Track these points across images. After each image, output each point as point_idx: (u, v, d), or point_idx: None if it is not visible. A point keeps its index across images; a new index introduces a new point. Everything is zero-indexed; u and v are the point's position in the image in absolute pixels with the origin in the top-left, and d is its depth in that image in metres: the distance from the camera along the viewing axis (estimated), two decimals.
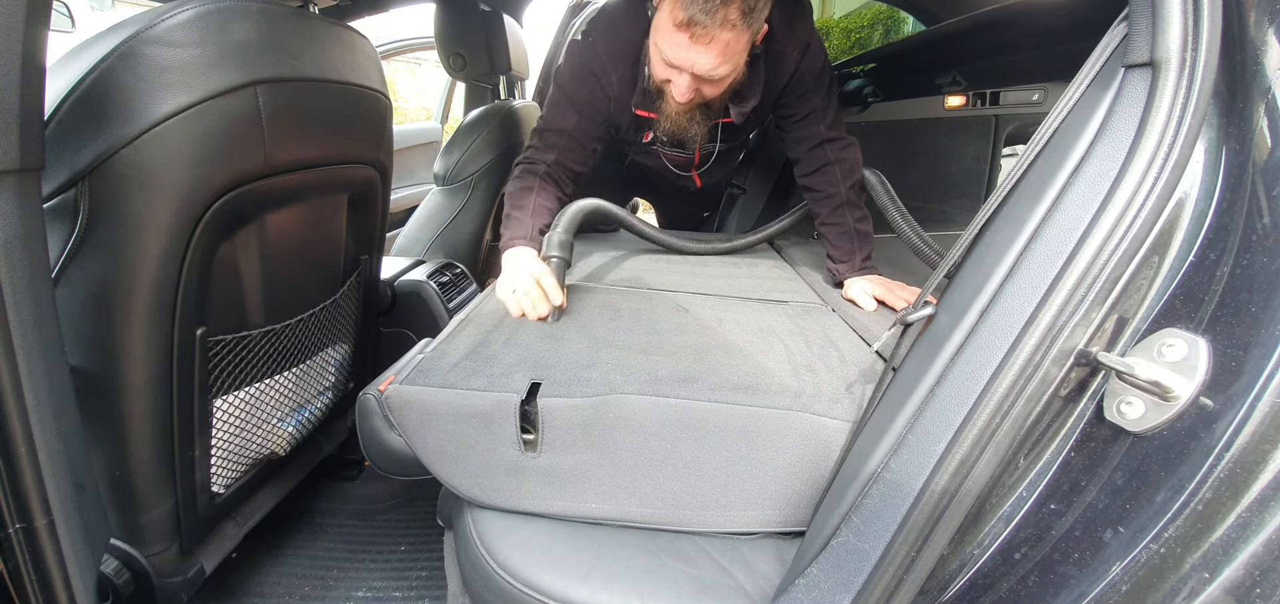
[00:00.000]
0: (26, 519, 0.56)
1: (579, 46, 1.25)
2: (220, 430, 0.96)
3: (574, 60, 1.25)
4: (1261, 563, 0.39)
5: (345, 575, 1.23)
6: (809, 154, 1.29)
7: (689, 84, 1.05)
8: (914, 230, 1.18)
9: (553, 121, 1.24)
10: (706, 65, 1.01)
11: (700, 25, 0.96)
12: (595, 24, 1.25)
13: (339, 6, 1.56)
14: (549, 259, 1.04)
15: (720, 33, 0.97)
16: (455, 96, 3.58)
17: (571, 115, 1.23)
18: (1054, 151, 0.56)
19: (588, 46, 1.22)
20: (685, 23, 0.96)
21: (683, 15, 0.96)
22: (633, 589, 0.68)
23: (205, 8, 0.75)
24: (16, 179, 0.52)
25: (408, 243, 1.92)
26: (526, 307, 0.96)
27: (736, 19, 0.96)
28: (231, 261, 0.90)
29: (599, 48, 1.20)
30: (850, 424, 0.70)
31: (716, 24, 0.95)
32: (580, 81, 1.22)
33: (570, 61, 1.26)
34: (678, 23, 0.97)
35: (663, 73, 1.08)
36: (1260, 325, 0.42)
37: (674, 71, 1.05)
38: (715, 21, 0.95)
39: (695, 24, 0.96)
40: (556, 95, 1.26)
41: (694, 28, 0.96)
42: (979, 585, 0.53)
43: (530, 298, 0.96)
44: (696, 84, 1.06)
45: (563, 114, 1.23)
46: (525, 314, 0.96)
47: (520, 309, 0.96)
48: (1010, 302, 0.52)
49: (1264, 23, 0.45)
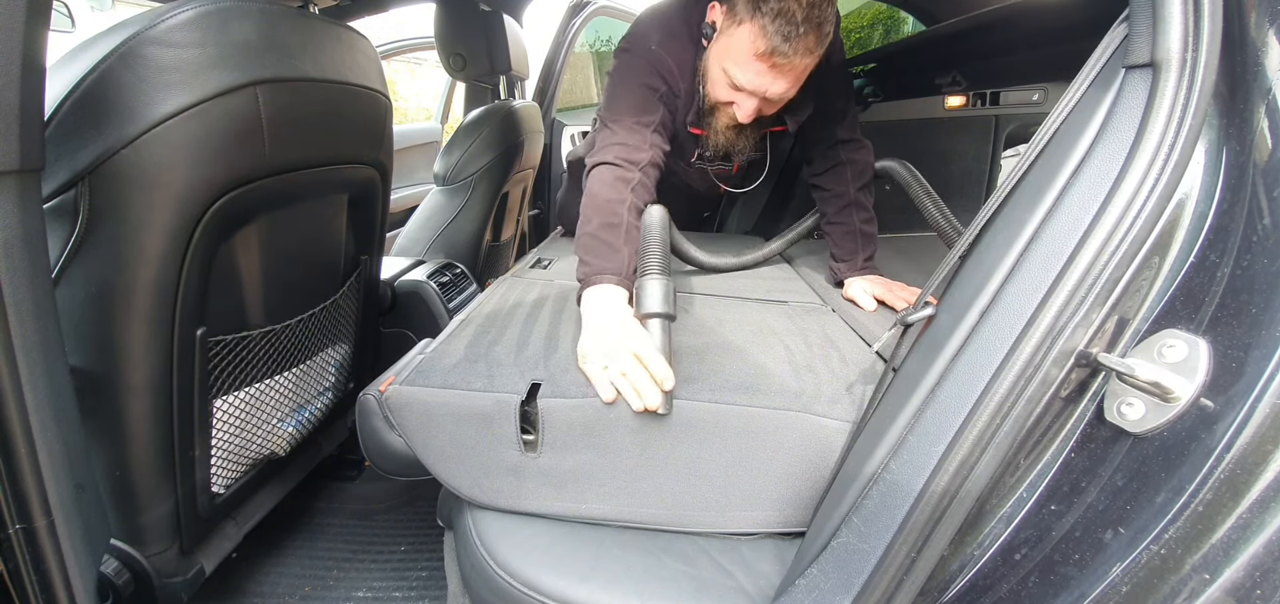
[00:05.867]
0: (27, 519, 0.56)
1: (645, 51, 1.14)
2: (220, 430, 0.96)
3: (641, 61, 1.13)
4: (1262, 564, 0.39)
5: (345, 575, 1.23)
6: (823, 154, 1.29)
7: (756, 107, 1.04)
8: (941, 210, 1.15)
9: (639, 113, 1.07)
10: (781, 92, 1.01)
11: (782, 55, 0.94)
12: (653, 34, 1.15)
13: (339, 6, 1.56)
14: (652, 318, 0.79)
15: (800, 61, 0.96)
16: (455, 96, 3.59)
17: (656, 106, 1.09)
18: (1054, 152, 0.56)
19: (657, 56, 1.13)
20: (767, 53, 0.95)
21: (765, 46, 0.94)
22: (633, 589, 0.68)
23: (205, 8, 0.75)
24: (16, 179, 0.52)
25: (408, 243, 1.92)
26: (626, 393, 0.71)
27: (815, 46, 0.95)
28: (231, 262, 0.90)
29: (668, 60, 1.13)
30: (850, 425, 0.70)
31: (798, 54, 0.95)
32: (656, 77, 1.12)
33: (636, 61, 1.14)
34: (759, 53, 0.95)
35: (727, 95, 1.06)
36: (1260, 326, 0.42)
37: (742, 95, 1.04)
38: (797, 52, 0.94)
39: (777, 54, 0.94)
40: (633, 88, 1.10)
41: (775, 57, 0.95)
42: (979, 586, 0.53)
43: (632, 383, 0.71)
44: (761, 105, 1.05)
45: (648, 104, 1.09)
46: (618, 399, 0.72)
47: (613, 395, 0.71)
48: (1011, 302, 0.52)
49: (1264, 23, 0.45)
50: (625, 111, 1.08)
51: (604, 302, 0.84)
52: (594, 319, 0.81)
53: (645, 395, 0.70)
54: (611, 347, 0.74)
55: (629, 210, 0.96)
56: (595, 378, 0.73)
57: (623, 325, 0.78)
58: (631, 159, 1.02)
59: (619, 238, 0.92)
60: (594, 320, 0.81)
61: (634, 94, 1.09)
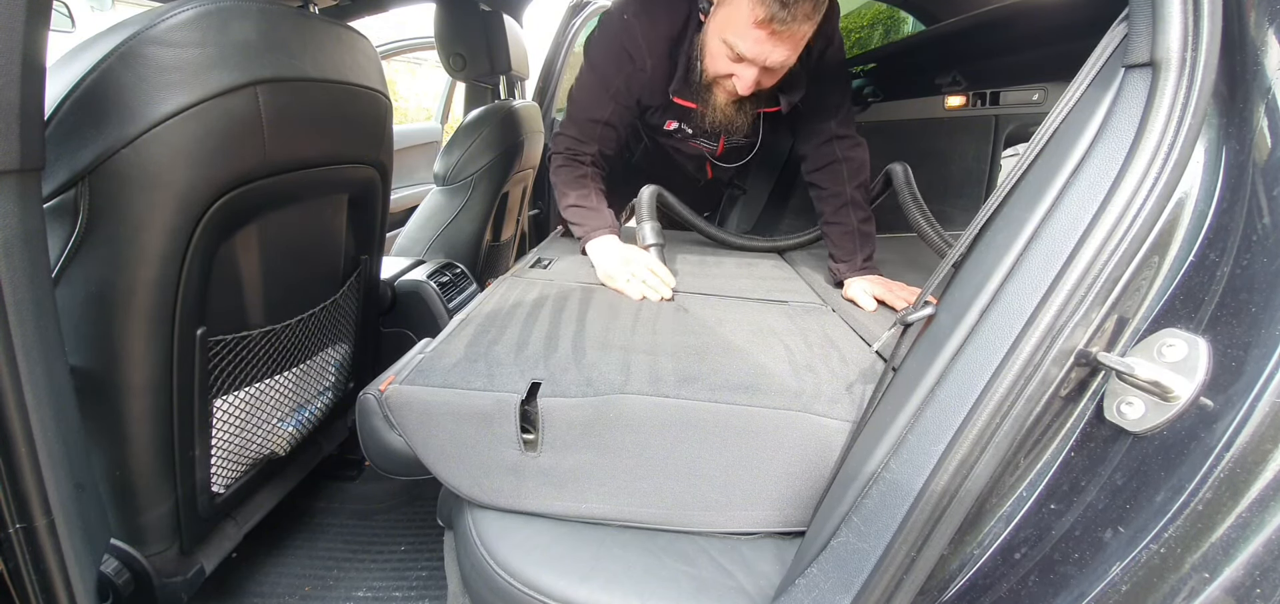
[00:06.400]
0: (26, 519, 0.56)
1: (615, 23, 1.21)
2: (220, 430, 0.96)
3: (609, 37, 1.22)
4: (1261, 563, 0.39)
5: (345, 575, 1.23)
6: (817, 150, 1.29)
7: (755, 77, 1.06)
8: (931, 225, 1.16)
9: (591, 110, 1.24)
10: (780, 59, 1.02)
11: (780, 21, 0.96)
12: (630, 5, 1.21)
13: (339, 6, 1.56)
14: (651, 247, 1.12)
15: (799, 27, 0.98)
16: (455, 96, 3.59)
17: (608, 104, 1.23)
18: (1054, 152, 0.56)
19: (625, 26, 1.19)
20: (766, 20, 0.97)
21: (764, 13, 0.96)
22: (633, 589, 0.68)
23: (205, 8, 0.75)
24: (16, 179, 0.52)
25: (408, 243, 1.92)
26: (649, 292, 1.03)
27: (812, 11, 0.97)
28: (232, 261, 0.90)
29: (636, 30, 1.18)
30: (850, 424, 0.70)
31: (796, 20, 0.96)
32: (618, 63, 1.20)
33: (605, 38, 1.23)
34: (758, 21, 0.97)
35: (726, 67, 1.08)
36: (1260, 325, 0.42)
37: (742, 66, 1.05)
38: (796, 17, 0.96)
39: (775, 21, 0.96)
40: (591, 80, 1.24)
41: (774, 23, 0.96)
42: (979, 586, 0.53)
43: (651, 283, 1.04)
44: (760, 76, 1.07)
45: (599, 102, 1.23)
46: (645, 297, 1.03)
47: (641, 293, 1.03)
48: (1010, 301, 0.52)
49: (1264, 23, 0.45)
50: (580, 106, 1.26)
51: (606, 244, 1.15)
52: (606, 253, 1.13)
53: (662, 290, 1.04)
54: (629, 264, 1.07)
55: (592, 181, 1.25)
56: (623, 284, 1.06)
57: (628, 251, 1.10)
58: (578, 155, 1.26)
59: (595, 200, 1.22)
60: (606, 254, 1.12)
61: (587, 93, 1.25)
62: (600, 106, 1.23)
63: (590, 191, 1.22)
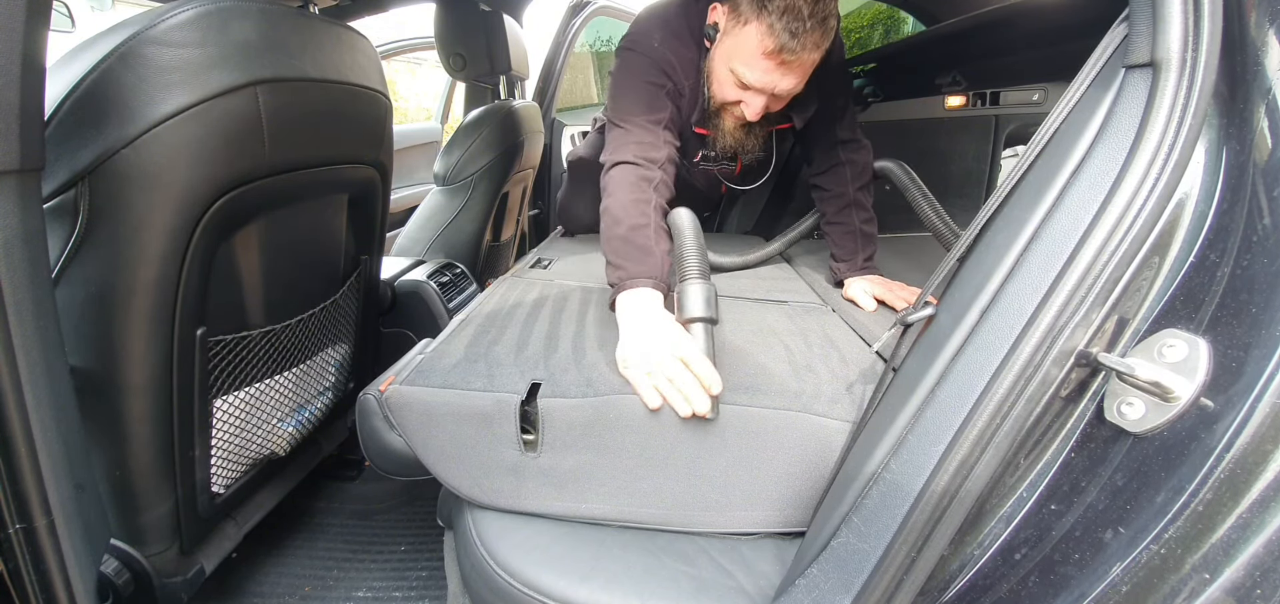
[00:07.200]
0: (26, 519, 0.56)
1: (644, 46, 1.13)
2: (220, 430, 0.96)
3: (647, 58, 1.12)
4: (1262, 563, 0.39)
5: (345, 575, 1.23)
6: (823, 153, 1.29)
7: (764, 104, 1.04)
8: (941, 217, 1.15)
9: (651, 110, 1.06)
10: (789, 87, 1.01)
11: (790, 52, 0.94)
12: (655, 32, 1.13)
13: (339, 6, 1.56)
14: (694, 323, 0.78)
15: (808, 56, 0.96)
16: (455, 96, 3.59)
17: (665, 104, 1.09)
18: (1054, 152, 0.56)
19: (660, 53, 1.12)
20: (775, 51, 0.95)
21: (773, 44, 0.94)
22: (633, 589, 0.68)
23: (205, 8, 0.75)
24: (16, 179, 0.52)
25: (408, 243, 1.92)
26: (673, 399, 0.70)
27: (821, 40, 0.95)
28: (232, 262, 0.90)
29: (671, 58, 1.11)
30: (850, 424, 0.70)
31: (806, 49, 0.95)
32: (660, 76, 1.11)
33: (640, 62, 1.12)
34: (767, 51, 0.96)
35: (735, 94, 1.06)
36: (1260, 326, 0.42)
37: (750, 93, 1.04)
38: (805, 47, 0.94)
39: (785, 51, 0.95)
40: (641, 86, 1.09)
41: (784, 54, 0.95)
42: (979, 586, 0.53)
43: (678, 389, 0.70)
44: (769, 102, 1.05)
45: (657, 101, 1.07)
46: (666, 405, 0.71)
47: (659, 402, 0.70)
48: (1011, 302, 0.52)
49: (1264, 23, 0.45)
50: (637, 110, 1.06)
51: (641, 306, 0.82)
52: (633, 323, 0.79)
53: (693, 400, 0.68)
54: (654, 351, 0.73)
55: (655, 210, 0.95)
56: (639, 383, 0.72)
57: (664, 329, 0.76)
58: (650, 157, 1.01)
59: (650, 239, 0.90)
60: (633, 324, 0.79)
61: (643, 92, 1.08)
62: (659, 105, 1.07)
63: (650, 221, 0.93)
